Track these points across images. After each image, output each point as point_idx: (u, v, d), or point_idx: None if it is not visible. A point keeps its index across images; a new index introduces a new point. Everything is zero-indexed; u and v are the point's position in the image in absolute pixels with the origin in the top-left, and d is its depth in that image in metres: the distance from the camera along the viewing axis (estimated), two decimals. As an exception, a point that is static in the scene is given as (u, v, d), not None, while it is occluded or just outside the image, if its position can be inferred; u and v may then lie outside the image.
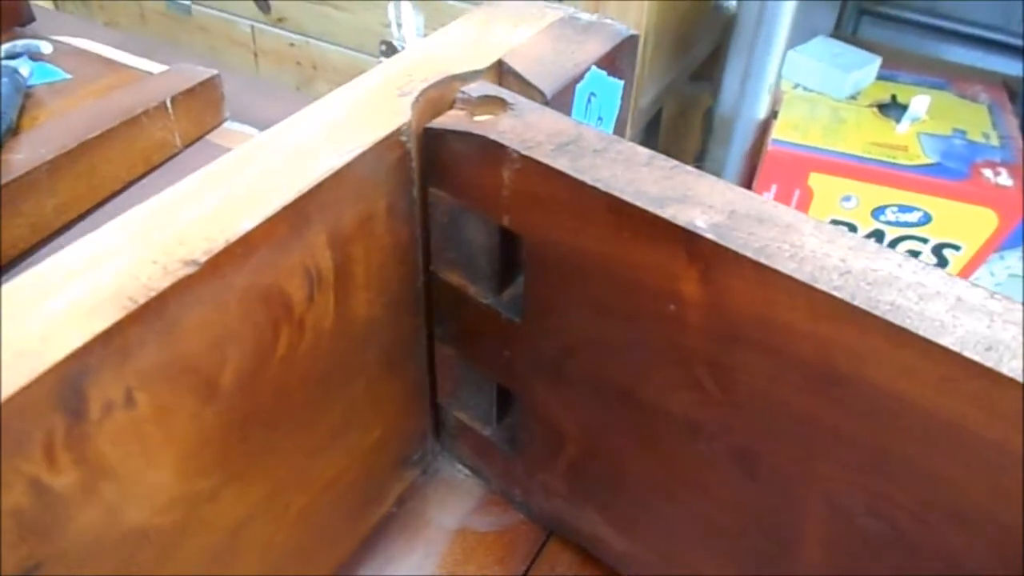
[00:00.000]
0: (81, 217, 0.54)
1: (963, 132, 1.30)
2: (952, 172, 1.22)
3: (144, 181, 0.58)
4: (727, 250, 0.25)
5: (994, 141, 1.28)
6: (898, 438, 0.24)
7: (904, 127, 1.29)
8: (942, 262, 1.29)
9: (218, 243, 0.24)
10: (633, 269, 0.28)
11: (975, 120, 1.33)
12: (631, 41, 0.37)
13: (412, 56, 0.34)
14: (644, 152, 0.29)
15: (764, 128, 1.37)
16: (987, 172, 1.22)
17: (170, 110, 0.59)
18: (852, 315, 0.23)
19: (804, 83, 1.41)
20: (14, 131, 0.54)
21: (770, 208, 0.26)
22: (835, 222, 1.27)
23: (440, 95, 0.33)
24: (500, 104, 0.32)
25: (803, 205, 1.30)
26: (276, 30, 1.76)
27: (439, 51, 0.35)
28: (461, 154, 0.31)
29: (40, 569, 0.23)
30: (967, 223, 1.23)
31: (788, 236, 0.25)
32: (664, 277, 0.27)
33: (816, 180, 1.27)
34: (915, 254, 1.29)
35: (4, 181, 0.49)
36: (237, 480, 0.29)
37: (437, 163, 0.32)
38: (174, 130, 0.60)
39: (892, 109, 1.35)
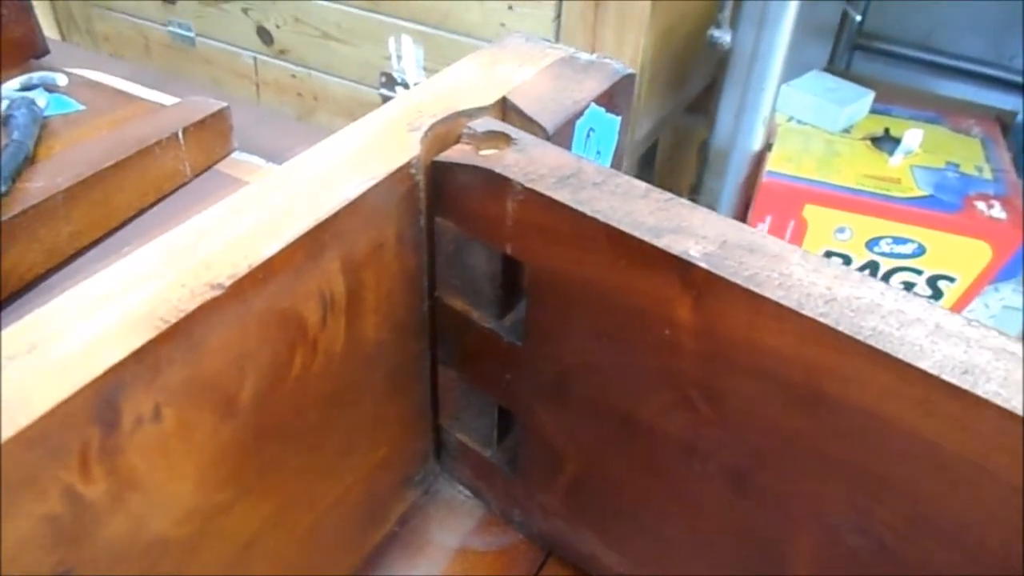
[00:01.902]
0: (94, 243, 0.56)
1: (956, 165, 1.32)
2: (945, 204, 1.24)
3: (154, 209, 0.60)
4: (719, 278, 0.26)
5: (987, 174, 1.30)
6: (882, 457, 0.25)
7: (897, 160, 1.31)
8: (937, 294, 1.31)
9: (241, 268, 0.26)
10: (630, 296, 0.29)
11: (968, 153, 1.35)
12: (628, 79, 0.39)
13: (421, 93, 0.36)
14: (641, 185, 0.30)
15: (759, 160, 1.39)
16: (980, 205, 1.24)
17: (181, 141, 0.60)
18: (837, 340, 0.24)
19: (798, 116, 1.43)
20: (31, 160, 0.56)
21: (759, 239, 0.28)
22: (829, 253, 1.29)
23: (447, 130, 0.34)
24: (504, 139, 0.33)
25: (798, 236, 1.32)
26: (278, 62, 1.78)
27: (446, 88, 0.36)
28: (467, 186, 0.33)
29: (70, 575, 0.24)
30: (961, 255, 1.25)
31: (776, 265, 0.26)
32: (659, 303, 0.28)
33: (810, 212, 1.29)
34: (910, 285, 1.31)
35: (22, 208, 0.51)
36: (250, 495, 0.31)
37: (444, 194, 0.34)
38: (185, 160, 0.61)
39: (885, 142, 1.37)
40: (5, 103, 0.61)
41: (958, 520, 0.25)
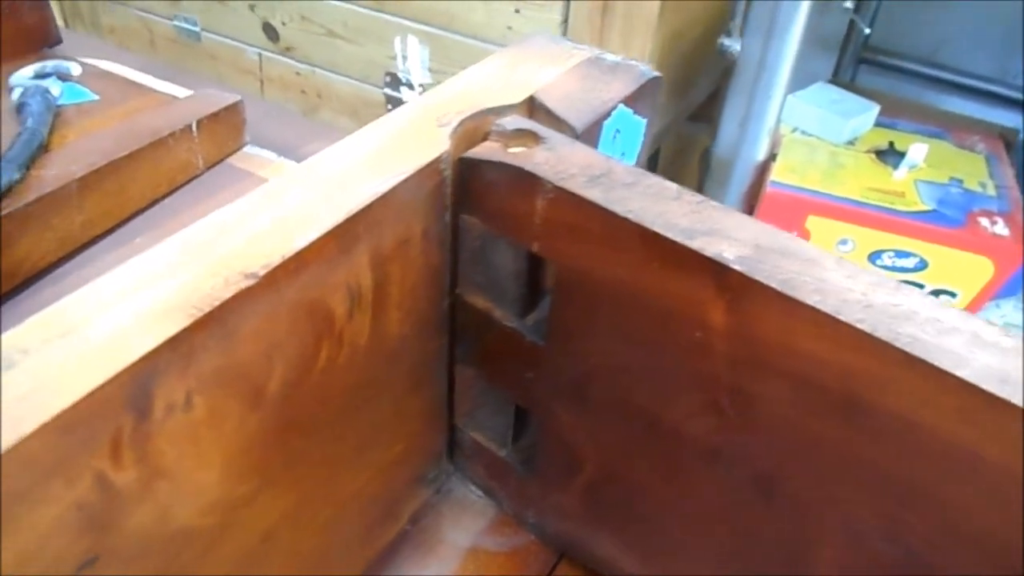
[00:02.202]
0: (106, 233, 0.56)
1: (960, 181, 1.32)
2: (949, 220, 1.25)
3: (167, 201, 0.60)
4: (754, 281, 0.26)
5: (991, 191, 1.31)
6: (915, 465, 0.25)
7: (902, 174, 1.32)
8: (936, 308, 1.31)
9: (275, 258, 0.26)
10: (661, 297, 0.29)
11: (972, 169, 1.36)
12: (654, 82, 0.39)
13: (448, 90, 0.36)
14: (673, 186, 0.30)
15: (762, 170, 1.39)
16: (983, 221, 1.24)
17: (195, 133, 0.60)
18: (874, 346, 0.24)
19: (803, 127, 1.43)
20: (45, 148, 0.56)
21: (793, 243, 0.27)
22: (832, 265, 1.29)
23: (475, 127, 0.34)
24: (533, 137, 0.33)
25: (800, 247, 1.31)
26: (283, 59, 1.78)
27: (473, 86, 0.36)
28: (495, 183, 0.32)
29: (97, 562, 0.24)
30: (963, 270, 1.25)
31: (811, 270, 0.26)
32: (692, 305, 0.28)
33: (813, 223, 1.29)
34: (909, 299, 1.31)
35: (36, 196, 0.51)
36: (272, 487, 0.30)
37: (470, 191, 0.33)
38: (198, 152, 0.61)
39: (890, 156, 1.38)
40: (19, 91, 0.61)
41: (990, 530, 0.25)
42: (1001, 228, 1.23)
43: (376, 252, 0.30)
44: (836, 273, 0.26)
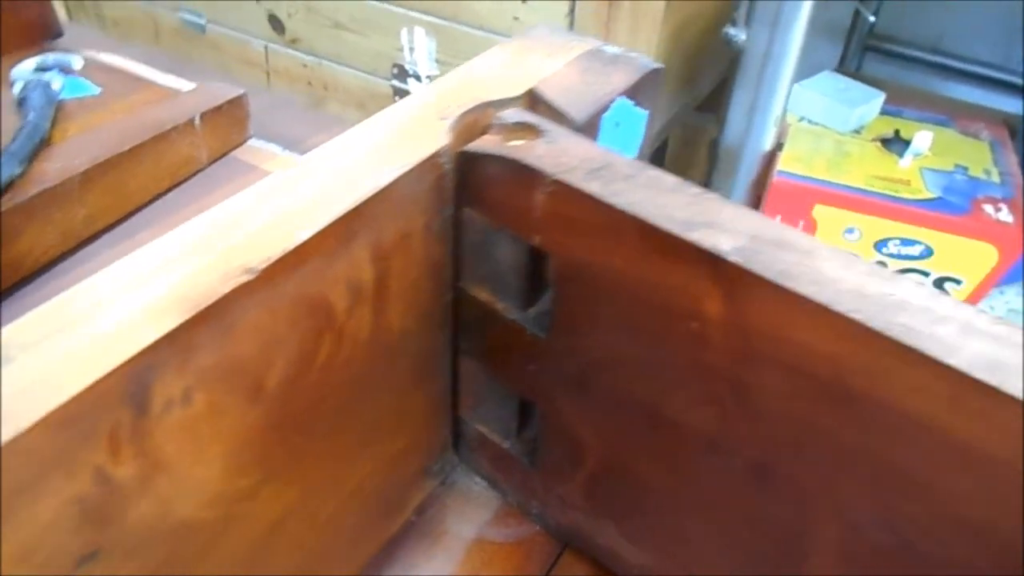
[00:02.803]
0: (109, 228, 0.56)
1: (965, 168, 1.32)
2: (953, 207, 1.24)
3: (170, 195, 0.60)
4: (750, 273, 0.26)
5: (995, 178, 1.30)
6: (909, 454, 0.25)
7: (907, 162, 1.31)
8: (942, 296, 1.31)
9: (275, 252, 0.26)
10: (659, 289, 0.29)
11: (977, 157, 1.35)
12: (655, 74, 0.39)
13: (448, 83, 0.36)
14: (671, 179, 0.30)
15: (769, 160, 1.39)
16: (988, 208, 1.24)
17: (198, 127, 0.60)
18: (867, 336, 0.24)
19: (809, 116, 1.43)
20: (47, 142, 0.56)
21: (790, 234, 0.28)
22: (838, 254, 1.29)
23: (475, 120, 0.34)
24: (533, 130, 0.33)
25: (806, 236, 1.31)
26: (289, 51, 1.78)
27: (474, 79, 0.36)
28: (496, 176, 0.32)
29: (97, 556, 0.24)
30: (968, 257, 1.25)
31: (807, 260, 0.26)
32: (689, 297, 0.28)
33: (820, 212, 1.29)
34: (916, 288, 1.31)
35: (38, 190, 0.51)
36: (274, 480, 0.31)
37: (471, 184, 0.34)
38: (201, 146, 0.61)
39: (895, 144, 1.37)
40: (21, 84, 0.61)
41: (984, 517, 0.25)
42: (1005, 215, 1.22)
43: (377, 246, 0.30)
44: (832, 263, 0.26)
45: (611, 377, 0.33)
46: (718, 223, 0.28)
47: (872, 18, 1.52)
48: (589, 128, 0.36)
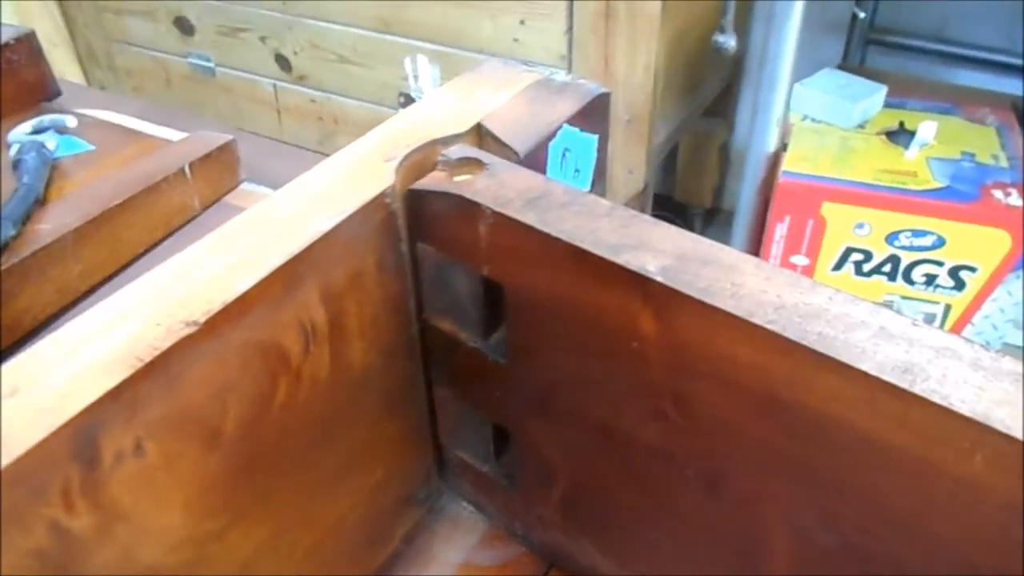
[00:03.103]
0: (105, 280, 0.58)
1: (972, 155, 1.31)
2: (963, 195, 1.24)
3: (165, 243, 0.61)
4: (674, 291, 0.27)
5: (1003, 162, 1.30)
6: (835, 457, 0.26)
7: (913, 153, 1.31)
8: (959, 284, 1.30)
9: (216, 304, 0.27)
10: (598, 311, 0.30)
11: (983, 142, 1.35)
12: (603, 98, 0.40)
13: (399, 122, 0.37)
14: (605, 204, 0.31)
15: (775, 161, 1.40)
16: (998, 193, 1.24)
17: (188, 175, 0.62)
18: (785, 346, 0.25)
19: (812, 115, 1.43)
20: (41, 202, 0.58)
21: (716, 251, 0.28)
22: (850, 250, 1.29)
23: (424, 157, 0.35)
24: (477, 165, 0.34)
25: (817, 235, 1.31)
26: (297, 87, 1.81)
27: (424, 117, 0.38)
28: (442, 212, 0.34)
29: (64, 604, 0.25)
30: (981, 244, 1.25)
31: (730, 276, 0.27)
32: (625, 317, 0.29)
33: (829, 209, 1.29)
34: (932, 277, 1.31)
35: (32, 250, 0.53)
36: (243, 520, 0.32)
37: (422, 220, 0.35)
38: (193, 194, 0.63)
39: (900, 136, 1.37)
40: (16, 147, 0.63)
41: (913, 514, 0.25)
42: (1015, 199, 1.22)
43: (326, 288, 0.32)
44: (754, 277, 0.27)
45: (568, 398, 0.34)
46: (646, 244, 0.29)
47: (862, 14, 1.52)
48: (537, 157, 0.37)
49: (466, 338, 0.37)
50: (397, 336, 0.37)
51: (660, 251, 0.29)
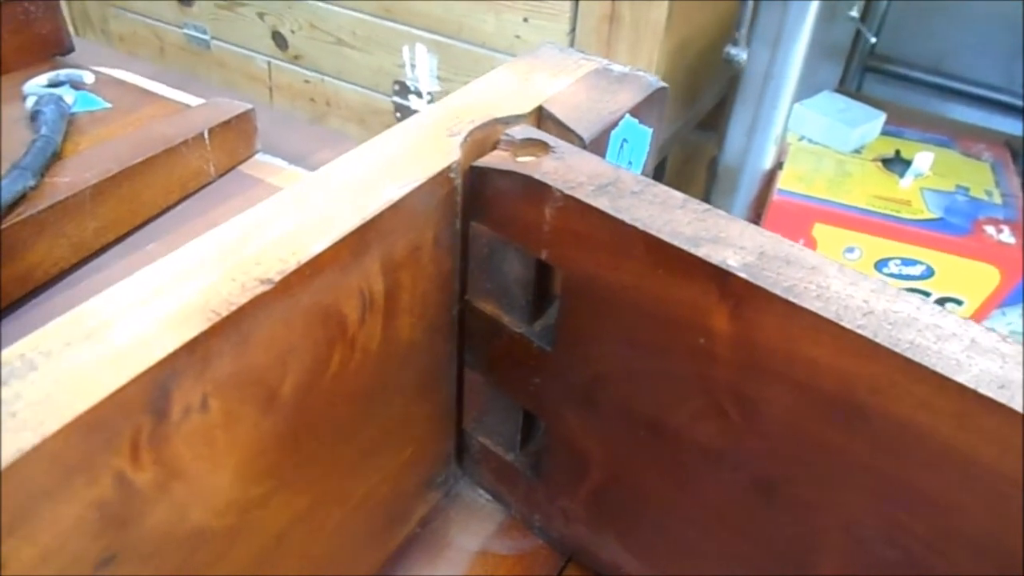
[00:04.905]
0: (119, 239, 0.56)
1: (966, 189, 1.33)
2: (955, 228, 1.25)
3: (179, 207, 0.60)
4: (758, 288, 0.27)
5: (996, 199, 1.31)
6: (915, 469, 0.26)
7: (908, 182, 1.32)
8: (942, 316, 1.31)
9: (290, 264, 0.26)
10: (666, 304, 0.30)
11: (978, 177, 1.36)
12: (661, 92, 0.39)
13: (459, 100, 0.36)
14: (679, 195, 0.31)
15: (769, 178, 1.40)
16: (989, 229, 1.25)
17: (207, 141, 0.61)
18: (874, 352, 0.25)
19: (810, 136, 1.44)
20: (59, 156, 0.56)
21: (797, 251, 0.28)
22: (838, 273, 1.29)
23: (485, 136, 0.35)
24: (542, 147, 0.34)
25: (807, 255, 1.32)
26: (292, 67, 1.79)
27: (484, 96, 0.37)
28: (504, 191, 0.33)
29: (115, 560, 0.24)
30: (969, 278, 1.26)
31: (814, 277, 0.27)
32: (696, 312, 0.29)
33: (820, 231, 1.29)
34: (915, 307, 1.31)
35: (50, 203, 0.51)
36: (285, 489, 0.31)
37: (480, 199, 0.34)
38: (210, 160, 0.62)
39: (896, 164, 1.38)
40: (33, 99, 0.62)
41: (989, 533, 0.25)
42: (1007, 236, 1.23)
43: (388, 258, 0.31)
44: (838, 280, 0.27)
45: (616, 390, 0.34)
46: (725, 239, 0.29)
47: (873, 39, 1.53)
48: (596, 145, 0.36)
49: (510, 322, 0.37)
50: (441, 315, 0.37)
51: (740, 247, 0.28)
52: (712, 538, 0.34)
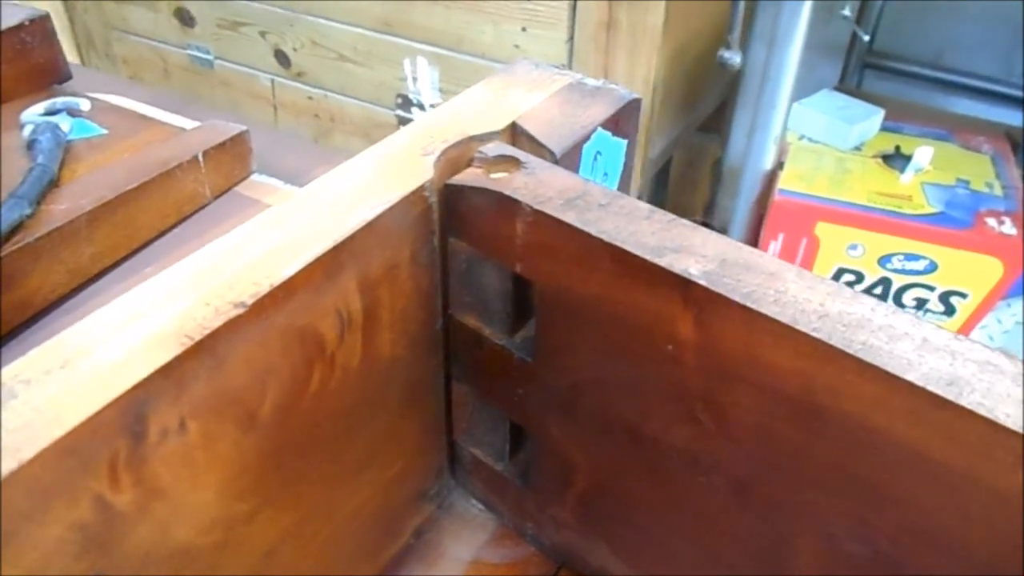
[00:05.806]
0: (116, 264, 0.57)
1: (967, 182, 1.33)
2: (956, 221, 1.25)
3: (176, 230, 0.61)
4: (718, 295, 0.27)
5: (997, 191, 1.31)
6: (874, 467, 0.26)
7: (908, 177, 1.33)
8: (949, 310, 1.32)
9: (263, 287, 0.27)
10: (634, 313, 0.30)
11: (978, 170, 1.36)
12: (634, 104, 0.40)
13: (434, 118, 0.37)
14: (644, 207, 0.32)
15: (771, 179, 1.41)
16: (991, 221, 1.25)
17: (202, 164, 0.62)
18: (829, 354, 0.25)
19: (809, 135, 1.44)
20: (55, 183, 0.57)
21: (757, 257, 0.29)
22: (842, 271, 1.30)
23: (459, 154, 0.36)
24: (514, 163, 0.35)
25: (810, 254, 1.32)
26: (295, 84, 1.81)
27: (458, 113, 0.38)
28: (478, 208, 0.34)
29: (100, 579, 0.25)
30: (973, 271, 1.26)
31: (773, 283, 0.28)
32: (662, 320, 0.29)
33: (823, 229, 1.30)
34: (922, 302, 1.32)
35: (47, 230, 0.52)
36: (270, 506, 0.32)
37: (456, 216, 0.35)
38: (205, 182, 0.63)
39: (896, 160, 1.39)
40: (30, 128, 0.63)
41: (948, 527, 0.26)
42: (1009, 228, 1.23)
43: (364, 277, 0.32)
44: (796, 285, 0.27)
45: (595, 398, 0.34)
46: (688, 248, 0.29)
47: (866, 37, 1.54)
48: (570, 158, 0.37)
49: (491, 335, 0.37)
50: (423, 330, 0.37)
51: (702, 255, 0.29)
52: (694, 540, 0.35)
